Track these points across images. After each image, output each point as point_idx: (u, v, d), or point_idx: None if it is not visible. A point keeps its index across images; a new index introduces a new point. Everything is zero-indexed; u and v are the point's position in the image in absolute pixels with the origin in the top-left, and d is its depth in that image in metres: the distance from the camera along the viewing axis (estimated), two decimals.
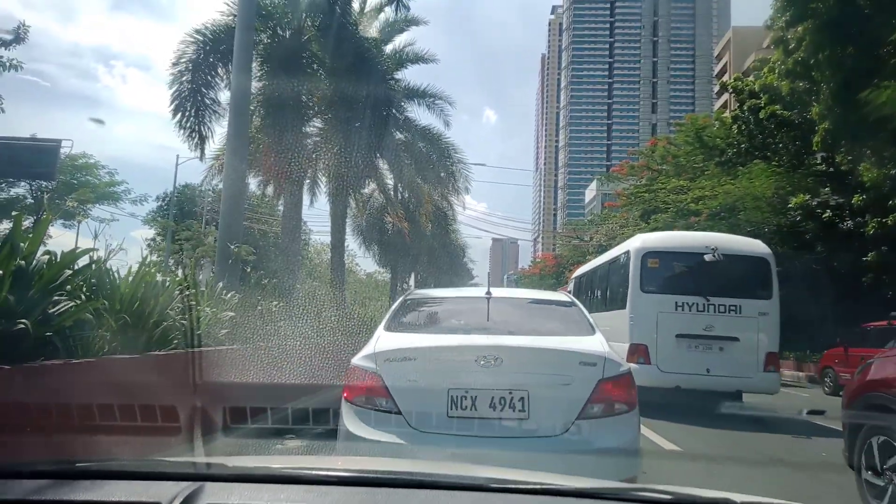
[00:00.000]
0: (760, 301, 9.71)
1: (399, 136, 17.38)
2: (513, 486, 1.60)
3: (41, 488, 1.51)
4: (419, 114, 18.37)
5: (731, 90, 25.11)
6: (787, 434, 7.86)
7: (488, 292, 4.47)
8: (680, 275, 10.15)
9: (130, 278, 5.44)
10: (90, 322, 4.58)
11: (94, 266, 5.39)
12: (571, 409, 3.49)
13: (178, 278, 6.92)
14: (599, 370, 3.57)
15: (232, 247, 8.49)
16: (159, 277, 6.16)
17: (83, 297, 5.00)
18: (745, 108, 23.35)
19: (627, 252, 10.84)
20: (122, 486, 1.52)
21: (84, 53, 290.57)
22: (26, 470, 1.66)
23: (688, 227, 25.64)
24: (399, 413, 3.50)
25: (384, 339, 3.94)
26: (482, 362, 3.54)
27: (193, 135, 12.61)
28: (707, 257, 9.76)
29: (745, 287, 9.82)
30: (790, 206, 21.35)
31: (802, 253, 22.44)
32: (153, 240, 39.62)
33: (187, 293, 6.25)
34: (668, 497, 1.57)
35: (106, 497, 1.46)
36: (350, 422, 3.59)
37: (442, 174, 18.26)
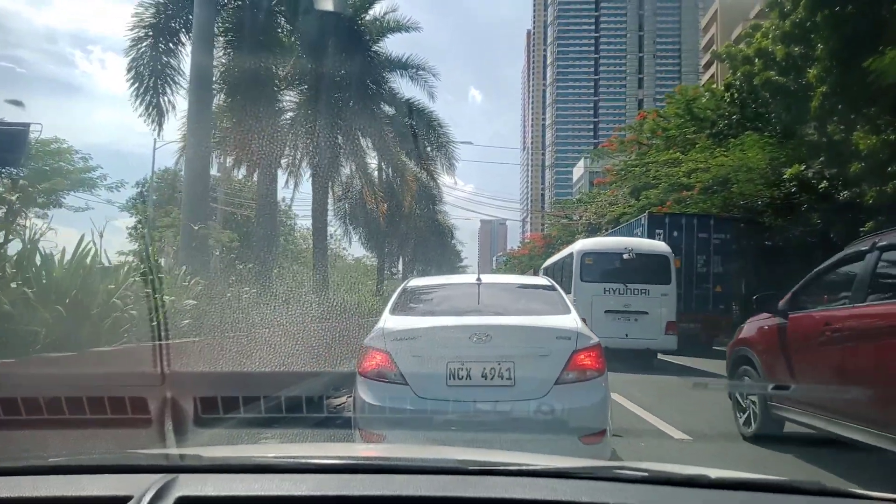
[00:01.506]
0: (662, 286, 13.21)
1: (381, 109, 16.49)
2: (490, 469, 1.63)
3: (13, 485, 1.49)
4: (402, 86, 17.53)
5: (723, 57, 24.38)
6: None
7: (478, 279, 5.02)
8: (607, 269, 13.50)
9: (67, 264, 4.73)
10: (9, 314, 3.91)
11: (27, 251, 4.71)
12: (550, 376, 4.07)
13: (133, 263, 6.25)
14: (573, 343, 4.17)
15: (195, 227, 7.76)
16: (137, 262, 5.47)
17: (14, 285, 4.33)
18: (739, 74, 22.68)
19: (572, 253, 14.52)
20: (95, 480, 1.52)
21: (60, 38, 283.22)
22: None
23: (679, 202, 25.12)
24: (406, 384, 4.05)
25: (391, 322, 4.49)
26: (475, 339, 4.12)
27: (151, 108, 11.65)
28: (625, 256, 13.31)
29: (651, 276, 13.26)
30: (785, 177, 20.79)
31: (797, 225, 21.97)
32: (135, 227, 38.58)
33: (137, 279, 5.58)
34: (644, 474, 1.61)
35: (78, 492, 1.46)
36: (364, 393, 4.12)
37: (428, 149, 17.46)
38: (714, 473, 1.60)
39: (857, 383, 4.73)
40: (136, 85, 11.47)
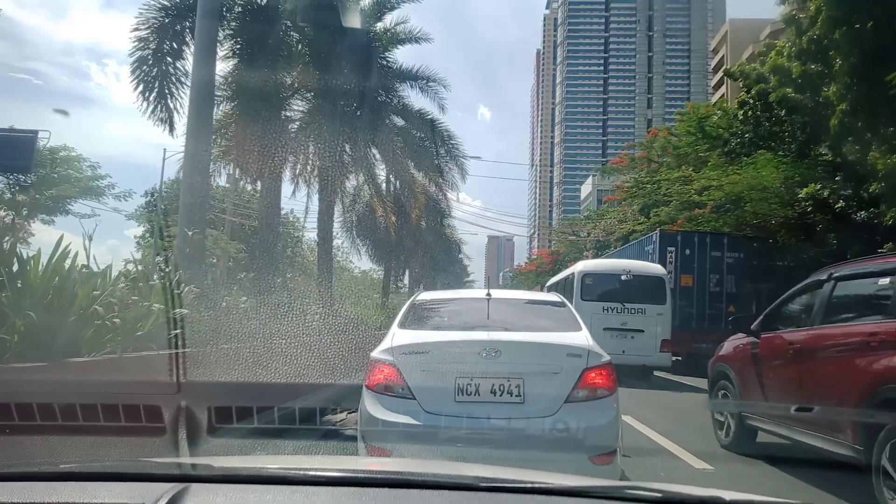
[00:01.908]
0: (658, 306, 13.89)
1: (390, 120, 16.13)
2: (502, 486, 1.61)
3: (25, 490, 1.47)
4: (412, 97, 17.16)
5: (737, 75, 24.07)
6: None
7: (488, 294, 4.94)
8: (606, 289, 14.10)
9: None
10: None
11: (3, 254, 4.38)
12: (560, 394, 3.99)
13: (123, 269, 5.92)
14: (584, 360, 4.09)
15: (190, 233, 7.41)
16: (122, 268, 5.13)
17: None
18: (753, 92, 22.33)
19: (573, 273, 15.35)
20: (107, 488, 1.52)
21: (77, 52, 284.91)
22: (10, 472, 1.64)
23: (691, 220, 24.71)
24: (413, 398, 3.97)
25: (399, 335, 4.40)
26: (484, 354, 4.05)
27: (160, 108, 11.29)
28: (623, 277, 14.04)
29: (648, 296, 13.92)
30: (800, 196, 20.34)
31: (812, 245, 21.49)
32: (143, 237, 38.40)
33: (122, 286, 5.24)
34: (658, 495, 1.58)
35: (90, 499, 1.45)
36: (371, 406, 4.02)
37: (436, 161, 17.08)
38: (729, 496, 1.57)
39: (814, 395, 5.39)
40: (142, 87, 11.22)
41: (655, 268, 15.19)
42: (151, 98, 11.31)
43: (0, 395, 3.49)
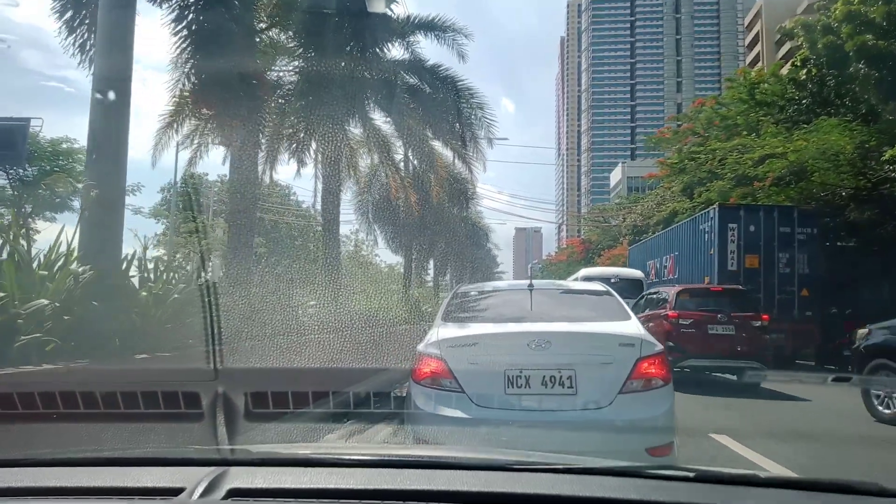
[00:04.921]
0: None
1: (402, 81, 13.68)
2: (534, 466, 1.65)
3: (72, 475, 1.51)
4: (426, 48, 14.77)
5: (797, 30, 21.32)
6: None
7: (531, 284, 4.93)
8: None
9: None
10: None
11: None
12: (614, 385, 3.95)
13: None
14: (637, 350, 4.06)
15: (80, 185, 5.21)
16: None
17: None
18: (819, 47, 19.59)
19: (578, 277, 19.81)
20: (150, 472, 1.54)
21: None
22: (57, 458, 1.69)
23: (746, 196, 22.11)
24: (462, 391, 3.96)
25: (445, 329, 4.41)
26: (533, 346, 4.03)
27: (85, 35, 9.10)
28: (612, 280, 15.91)
29: (630, 293, 14.72)
30: (884, 158, 17.60)
31: (889, 219, 18.79)
32: (163, 234, 37.65)
33: None
34: (692, 474, 1.60)
35: (133, 483, 1.48)
36: (419, 401, 4.07)
37: (456, 125, 14.64)
38: (764, 474, 1.67)
39: None
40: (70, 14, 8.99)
41: (636, 272, 20.33)
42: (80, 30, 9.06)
43: (46, 385, 3.42)
